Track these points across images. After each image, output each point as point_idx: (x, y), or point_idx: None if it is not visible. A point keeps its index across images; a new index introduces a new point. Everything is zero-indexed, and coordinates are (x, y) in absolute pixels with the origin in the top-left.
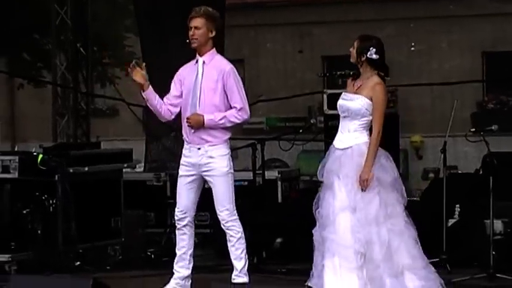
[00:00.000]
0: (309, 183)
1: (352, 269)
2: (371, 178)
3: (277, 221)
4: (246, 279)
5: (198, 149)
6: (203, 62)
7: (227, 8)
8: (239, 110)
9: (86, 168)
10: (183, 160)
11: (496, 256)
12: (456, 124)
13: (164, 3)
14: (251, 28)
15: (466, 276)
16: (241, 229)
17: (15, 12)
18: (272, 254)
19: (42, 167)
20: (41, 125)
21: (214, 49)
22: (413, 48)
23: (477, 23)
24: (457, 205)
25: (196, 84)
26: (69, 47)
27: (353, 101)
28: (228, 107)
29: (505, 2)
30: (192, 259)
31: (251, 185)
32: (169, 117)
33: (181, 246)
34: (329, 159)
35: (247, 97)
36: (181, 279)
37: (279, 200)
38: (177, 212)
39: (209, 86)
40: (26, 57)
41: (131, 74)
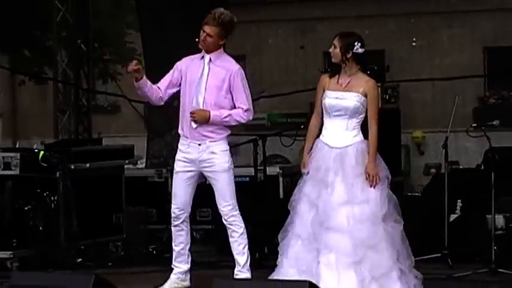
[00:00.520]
0: None
1: (350, 264)
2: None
3: (278, 217)
4: (249, 274)
5: (199, 145)
6: (210, 60)
7: (229, 4)
8: (245, 111)
9: (88, 164)
10: (181, 156)
11: (498, 251)
12: (458, 119)
13: None
14: (253, 24)
15: (468, 271)
16: (243, 224)
17: (16, 9)
18: (274, 250)
19: (43, 164)
20: (43, 122)
21: (222, 49)
22: (414, 43)
23: (478, 18)
24: (459, 200)
25: (201, 81)
26: (70, 44)
27: (348, 100)
28: (232, 107)
29: None
30: (190, 253)
31: (252, 181)
32: (158, 100)
33: (179, 242)
34: (324, 157)
35: (252, 95)
36: (181, 273)
37: (281, 196)
38: (174, 209)
39: (215, 84)
40: (27, 54)
41: (129, 64)
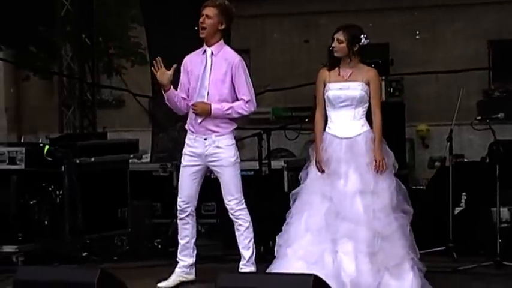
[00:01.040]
0: None
1: (367, 254)
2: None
3: (283, 211)
4: (254, 268)
5: (205, 139)
6: (211, 53)
7: None
8: (247, 102)
9: (93, 158)
10: (188, 150)
11: (503, 244)
12: (462, 112)
13: None
14: (257, 18)
15: (473, 264)
16: (249, 218)
17: (20, 4)
18: None
19: (48, 158)
20: (47, 116)
21: (222, 41)
22: (418, 36)
23: (483, 11)
24: (464, 193)
25: (205, 75)
26: (74, 38)
27: (353, 89)
28: (235, 99)
29: None
30: (195, 247)
31: (257, 175)
32: (187, 108)
33: (184, 235)
34: (335, 149)
35: (254, 87)
36: (186, 267)
37: (285, 190)
38: (180, 202)
39: (218, 78)
40: (32, 49)
41: (156, 73)
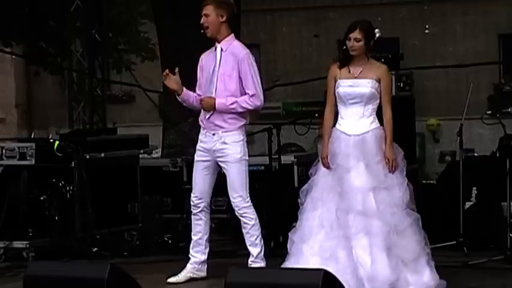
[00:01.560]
0: None
1: (383, 248)
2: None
3: (293, 206)
4: (263, 264)
5: (213, 135)
6: (221, 49)
7: None
8: (251, 96)
9: (103, 154)
10: (199, 145)
11: None
12: (472, 107)
13: None
14: (267, 13)
15: (483, 258)
16: (255, 215)
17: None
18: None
19: (58, 154)
20: (58, 112)
21: (232, 35)
22: (427, 30)
23: (492, 5)
24: (474, 188)
25: (214, 71)
26: (84, 34)
27: (363, 87)
28: (244, 93)
29: None
30: (208, 244)
31: (267, 170)
32: None
33: (197, 231)
34: (342, 144)
35: (262, 82)
36: (197, 263)
37: (296, 185)
38: (193, 198)
39: (226, 73)
40: (42, 44)
41: (165, 82)
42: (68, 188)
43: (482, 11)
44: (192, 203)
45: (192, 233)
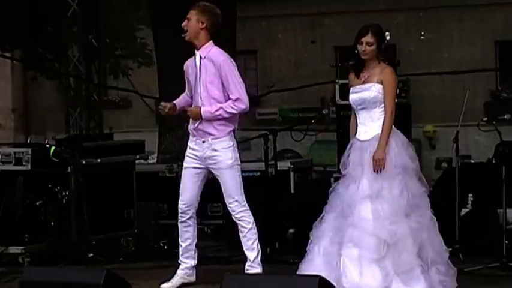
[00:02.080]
0: (322, 173)
1: (372, 260)
2: (383, 160)
3: (289, 212)
4: (260, 269)
5: (203, 142)
6: (200, 57)
7: (239, 0)
8: (235, 101)
9: (99, 159)
10: (190, 152)
11: (509, 245)
12: (469, 113)
13: None
14: (263, 19)
15: (479, 265)
16: (252, 219)
17: (28, 5)
18: (285, 245)
19: (54, 159)
20: (55, 117)
21: (211, 42)
22: (422, 37)
23: (489, 12)
24: (470, 194)
25: (197, 79)
26: (81, 39)
27: (366, 91)
28: (228, 99)
29: None
30: (196, 248)
31: (263, 176)
32: None
33: (186, 238)
34: (353, 152)
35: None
36: (188, 269)
37: (292, 191)
38: (182, 205)
39: (208, 80)
40: (39, 49)
41: (163, 114)
42: (64, 194)
43: (478, 18)
44: (181, 210)
45: (181, 240)
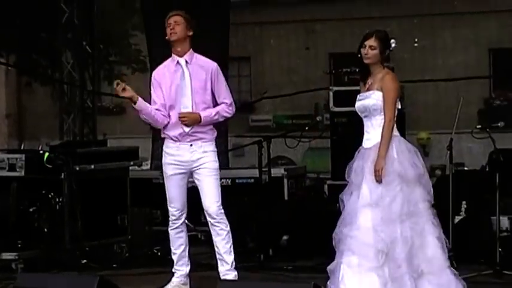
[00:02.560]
0: (315, 180)
1: (371, 268)
2: (383, 169)
3: (283, 219)
4: (236, 273)
5: (190, 146)
6: (186, 62)
7: (232, 6)
8: (229, 105)
9: (92, 166)
10: (171, 159)
11: (503, 253)
12: (463, 121)
13: (170, 0)
14: (256, 25)
15: (473, 273)
16: (228, 222)
17: (22, 11)
18: (278, 252)
19: (48, 165)
20: (49, 123)
21: (191, 49)
22: (416, 44)
23: (483, 19)
24: (464, 202)
25: (184, 84)
26: (75, 45)
27: (367, 99)
28: (215, 104)
29: None
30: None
31: (257, 183)
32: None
33: (179, 244)
34: (357, 160)
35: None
36: (183, 276)
37: (285, 198)
38: (175, 212)
39: (199, 85)
40: (33, 55)
41: (119, 94)
42: (58, 200)
43: (472, 25)
44: (174, 217)
45: (174, 248)
